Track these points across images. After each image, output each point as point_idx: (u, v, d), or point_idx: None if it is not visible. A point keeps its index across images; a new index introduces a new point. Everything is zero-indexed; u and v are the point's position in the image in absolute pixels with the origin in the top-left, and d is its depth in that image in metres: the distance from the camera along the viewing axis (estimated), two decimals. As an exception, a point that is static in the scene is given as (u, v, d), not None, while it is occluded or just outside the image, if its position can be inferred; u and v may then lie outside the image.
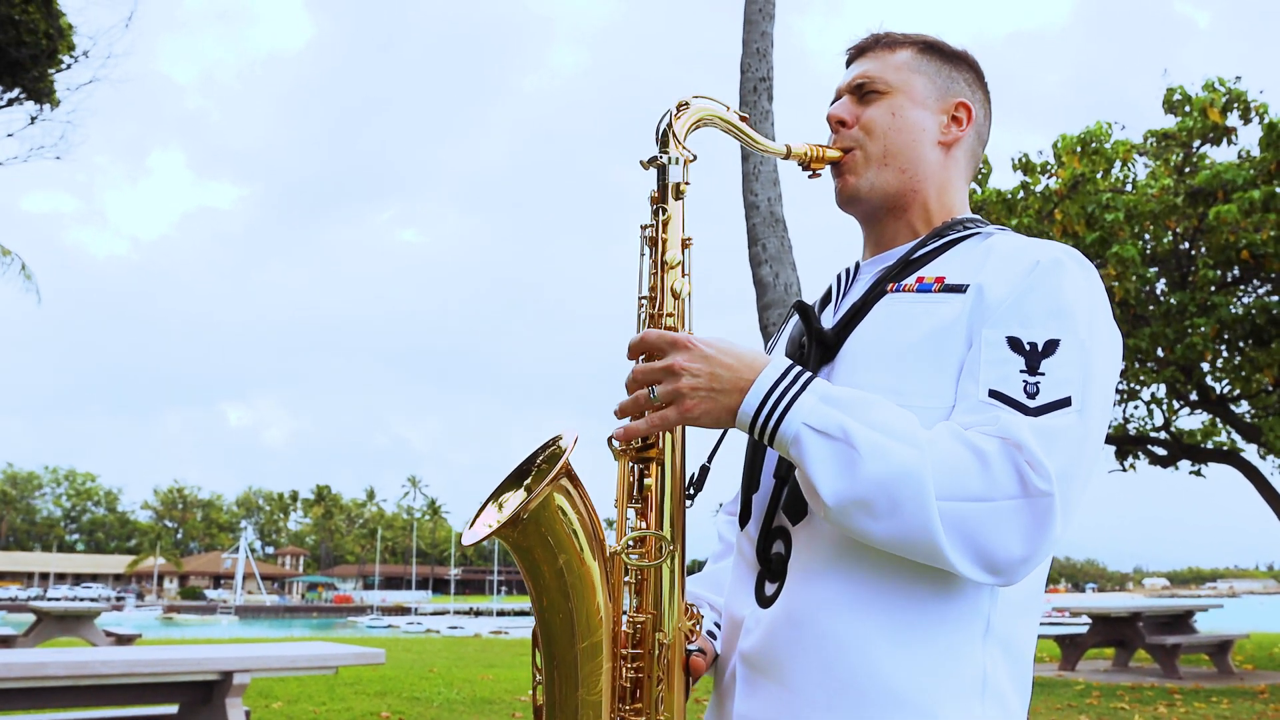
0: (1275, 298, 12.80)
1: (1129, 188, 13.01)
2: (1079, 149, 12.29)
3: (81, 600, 70.09)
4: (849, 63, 1.55)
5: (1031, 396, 1.18)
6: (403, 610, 77.76)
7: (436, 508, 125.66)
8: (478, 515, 1.28)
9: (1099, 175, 12.60)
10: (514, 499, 1.28)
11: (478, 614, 77.68)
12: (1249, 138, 12.19)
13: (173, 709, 5.82)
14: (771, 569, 1.34)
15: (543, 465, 1.30)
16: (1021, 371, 1.20)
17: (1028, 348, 1.22)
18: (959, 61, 1.51)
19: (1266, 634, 23.77)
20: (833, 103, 1.53)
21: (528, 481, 1.30)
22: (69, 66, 14.28)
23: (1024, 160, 13.05)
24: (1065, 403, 1.18)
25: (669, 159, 1.39)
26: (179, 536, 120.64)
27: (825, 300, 1.52)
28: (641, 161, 1.42)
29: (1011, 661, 1.27)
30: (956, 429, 1.17)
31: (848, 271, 1.52)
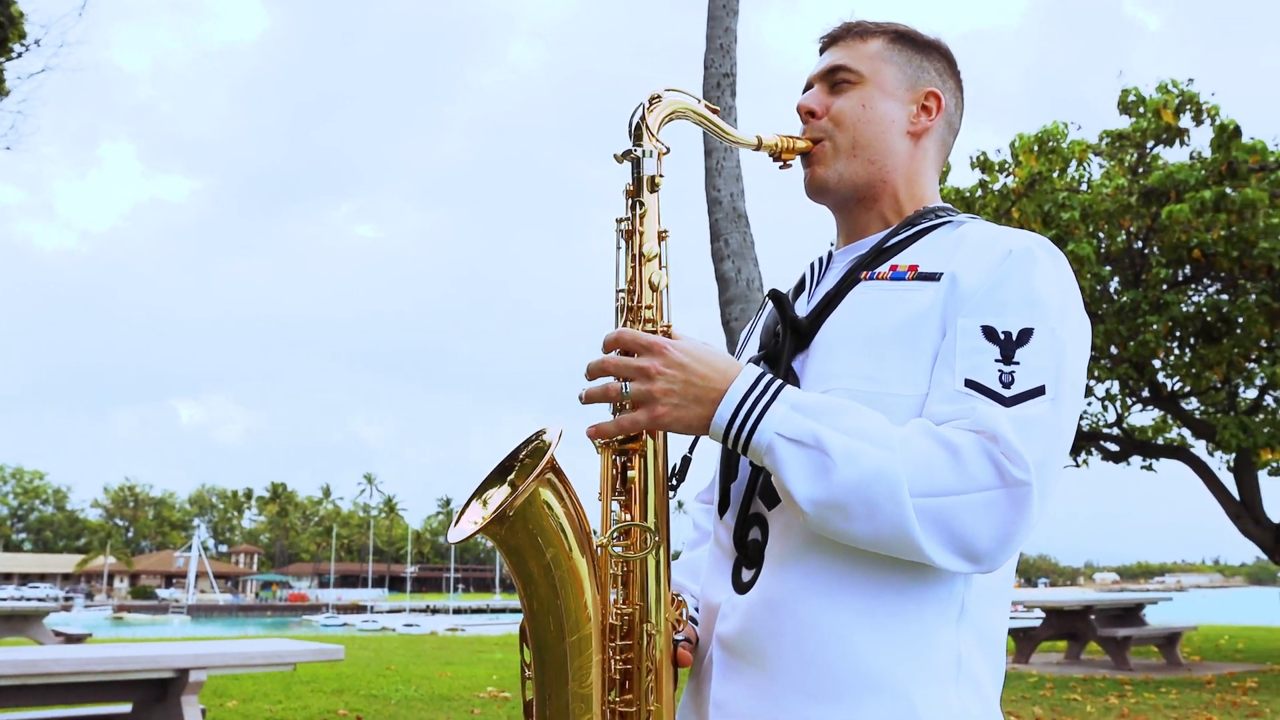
0: (1225, 296, 13.05)
1: (1084, 187, 13.20)
2: (1036, 148, 12.45)
3: (29, 600, 68.70)
4: (821, 50, 1.55)
5: (1007, 386, 1.19)
6: (358, 608, 77.13)
7: (393, 505, 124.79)
8: (463, 512, 1.28)
9: (1055, 174, 12.77)
10: (499, 495, 1.28)
11: (434, 612, 77.29)
12: (1200, 139, 12.42)
13: (126, 708, 5.71)
14: (749, 555, 1.34)
15: (526, 460, 1.30)
16: (996, 361, 1.21)
17: (1002, 337, 1.23)
18: (930, 50, 1.52)
19: (1213, 626, 24.26)
20: (804, 92, 1.53)
21: (512, 477, 1.30)
22: (20, 55, 13.97)
23: (982, 159, 13.20)
24: (1039, 391, 1.19)
25: (643, 152, 1.39)
26: (130, 535, 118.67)
27: (799, 289, 1.52)
28: (616, 155, 1.42)
29: (985, 645, 1.28)
30: (929, 425, 1.18)
31: (821, 260, 1.53)
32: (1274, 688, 11.18)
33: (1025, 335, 1.22)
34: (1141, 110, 12.40)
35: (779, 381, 1.22)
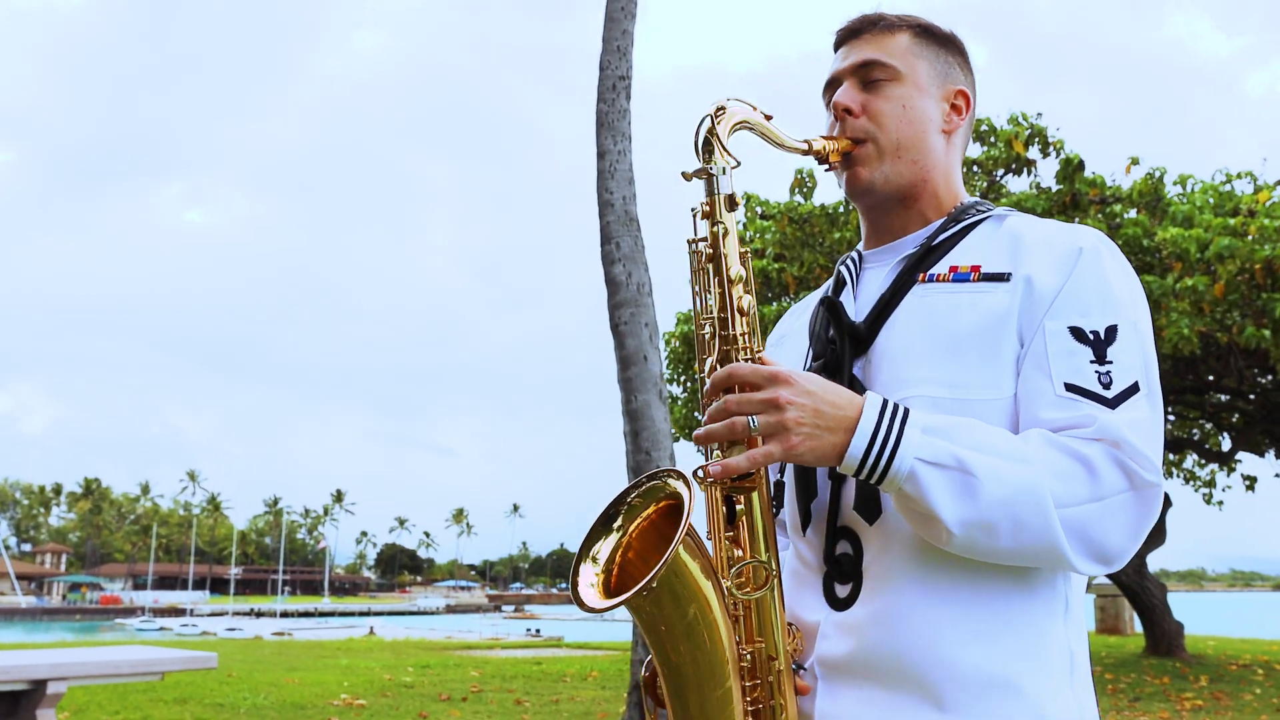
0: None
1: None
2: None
3: None
4: (839, 44, 1.51)
5: (1106, 387, 1.22)
6: (177, 612, 73.39)
7: (218, 503, 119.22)
8: (576, 575, 1.24)
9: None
10: (609, 548, 1.26)
11: (259, 615, 74.29)
12: (1046, 170, 13.15)
13: (-35, 723, 5.22)
14: (841, 571, 1.32)
15: (636, 502, 1.28)
16: (1091, 362, 1.24)
17: (1091, 337, 1.25)
18: (952, 45, 1.51)
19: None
20: (829, 87, 1.50)
21: (618, 523, 1.27)
22: None
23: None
24: (1135, 388, 1.23)
25: (718, 169, 1.33)
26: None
27: (837, 292, 1.49)
28: (685, 174, 1.36)
29: (1082, 640, 1.32)
30: (1051, 436, 1.20)
31: (854, 262, 1.51)
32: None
33: (1112, 333, 1.25)
34: (993, 140, 13.04)
35: (904, 406, 1.21)
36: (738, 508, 1.25)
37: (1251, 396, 14.77)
